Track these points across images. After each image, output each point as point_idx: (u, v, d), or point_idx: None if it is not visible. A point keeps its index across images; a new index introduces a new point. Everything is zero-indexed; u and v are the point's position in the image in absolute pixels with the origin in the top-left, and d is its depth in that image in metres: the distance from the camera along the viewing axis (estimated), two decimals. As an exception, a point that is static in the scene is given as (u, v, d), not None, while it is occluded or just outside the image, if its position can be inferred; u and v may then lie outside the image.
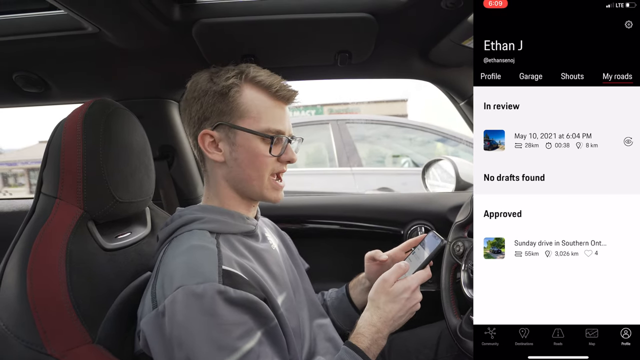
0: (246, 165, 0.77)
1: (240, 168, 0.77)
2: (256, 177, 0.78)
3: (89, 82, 1.19)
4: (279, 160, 0.79)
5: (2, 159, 18.57)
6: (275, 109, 0.78)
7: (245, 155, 0.77)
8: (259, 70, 0.79)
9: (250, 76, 0.77)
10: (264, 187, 0.79)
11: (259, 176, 0.78)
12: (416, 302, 0.78)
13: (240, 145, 0.76)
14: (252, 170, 0.77)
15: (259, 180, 0.78)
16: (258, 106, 0.77)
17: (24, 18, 0.95)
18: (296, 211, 1.47)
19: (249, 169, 0.77)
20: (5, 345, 0.63)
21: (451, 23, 0.95)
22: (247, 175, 0.78)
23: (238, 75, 0.77)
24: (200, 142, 0.78)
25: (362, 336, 0.74)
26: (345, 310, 1.00)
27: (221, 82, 0.76)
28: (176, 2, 0.93)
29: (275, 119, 0.78)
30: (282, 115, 0.79)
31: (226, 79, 0.76)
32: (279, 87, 0.78)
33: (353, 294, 1.00)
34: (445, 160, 1.67)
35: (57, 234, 0.70)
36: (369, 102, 14.49)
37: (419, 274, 0.80)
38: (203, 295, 0.60)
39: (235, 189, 0.80)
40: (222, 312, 0.60)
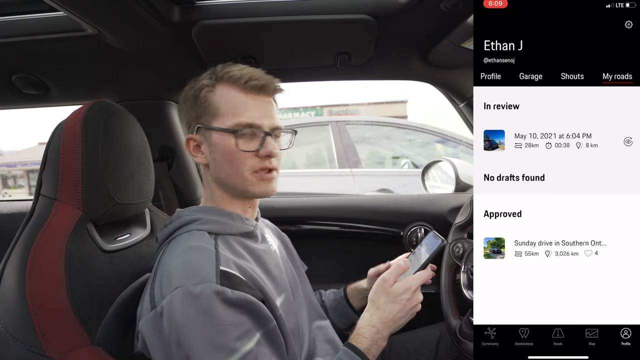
0: (223, 164, 0.76)
1: (220, 168, 0.77)
2: (235, 174, 0.76)
3: (88, 83, 1.19)
4: (257, 155, 0.76)
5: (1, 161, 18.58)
6: (247, 102, 0.76)
7: (221, 154, 0.76)
8: (230, 66, 0.78)
9: (221, 74, 0.77)
10: (247, 184, 0.76)
11: (238, 174, 0.76)
12: (417, 302, 0.78)
13: (216, 144, 0.76)
14: (230, 169, 0.76)
15: (239, 178, 0.76)
16: (229, 102, 0.75)
17: (24, 20, 0.95)
18: (296, 212, 1.47)
19: (226, 168, 0.76)
20: (3, 347, 0.62)
21: (451, 25, 0.95)
22: (226, 174, 0.77)
23: (210, 76, 0.77)
24: (187, 147, 0.80)
25: (362, 337, 0.73)
26: (343, 311, 1.00)
27: (195, 86, 0.77)
28: (176, 4, 0.93)
29: (248, 113, 0.75)
30: (256, 108, 0.76)
31: (199, 81, 0.77)
32: (248, 78, 0.75)
33: (353, 301, 1.00)
34: (445, 162, 1.67)
35: (56, 236, 0.70)
36: (369, 104, 14.52)
37: (420, 274, 0.79)
38: (200, 295, 0.60)
39: (223, 189, 0.80)
40: (219, 312, 0.60)
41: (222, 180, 0.78)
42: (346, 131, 2.98)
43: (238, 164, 0.75)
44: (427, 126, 3.07)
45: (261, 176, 0.77)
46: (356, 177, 2.81)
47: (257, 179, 0.77)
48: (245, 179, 0.76)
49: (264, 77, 0.77)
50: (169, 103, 1.28)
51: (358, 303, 0.99)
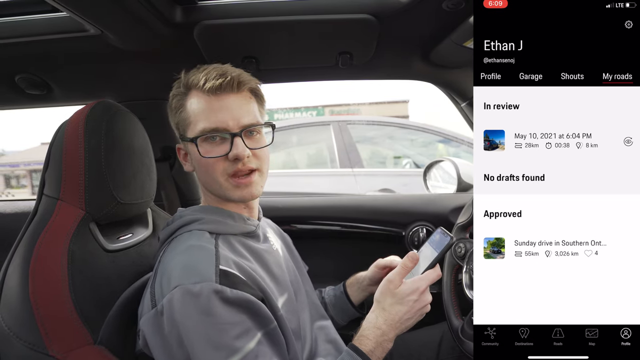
0: (200, 172, 0.77)
1: (200, 175, 0.78)
2: (212, 181, 0.75)
3: (91, 83, 1.20)
4: (227, 158, 0.72)
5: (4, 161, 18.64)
6: (211, 105, 0.72)
7: (197, 164, 0.76)
8: (196, 72, 0.74)
9: (189, 82, 0.74)
10: (224, 189, 0.74)
11: (213, 180, 0.74)
12: (426, 304, 0.76)
13: (192, 154, 0.77)
14: (206, 176, 0.76)
15: (215, 184, 0.75)
16: (194, 110, 0.73)
17: (26, 20, 0.96)
18: (297, 212, 1.47)
19: (203, 175, 0.77)
20: (7, 346, 0.63)
21: (452, 24, 0.95)
22: (204, 181, 0.78)
23: (179, 85, 0.76)
24: (179, 156, 0.82)
25: (366, 339, 0.73)
26: (343, 306, 1.00)
27: (171, 94, 0.77)
28: (178, 4, 0.93)
29: (210, 117, 0.72)
30: (219, 109, 0.72)
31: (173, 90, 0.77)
32: (204, 80, 0.71)
33: (351, 292, 1.00)
34: (446, 162, 1.66)
35: (59, 235, 0.70)
36: (370, 104, 14.50)
37: (428, 274, 0.78)
38: (199, 294, 0.60)
39: (212, 194, 0.79)
40: (218, 311, 0.60)
41: (205, 186, 0.79)
42: (348, 131, 2.98)
43: (211, 171, 0.73)
44: (429, 126, 3.07)
45: (236, 182, 0.73)
46: (358, 177, 2.81)
47: (233, 185, 0.74)
48: (221, 185, 0.74)
49: (223, 74, 0.72)
50: (171, 103, 1.29)
51: (357, 294, 0.99)
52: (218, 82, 0.71)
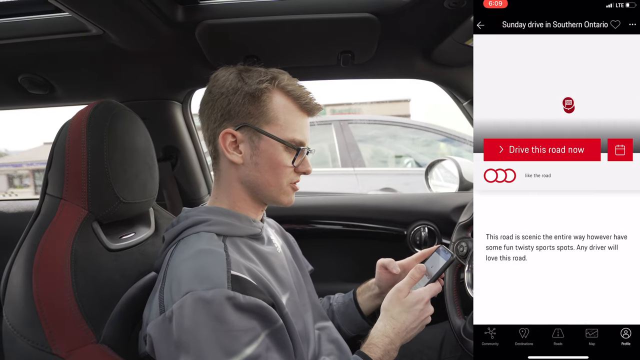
0: (266, 171, 0.76)
1: (259, 173, 0.77)
2: (274, 183, 0.77)
3: (93, 83, 1.20)
4: (296, 170, 0.79)
5: (7, 161, 18.68)
6: (301, 120, 0.79)
7: (267, 161, 0.76)
8: (291, 80, 0.79)
9: (283, 84, 0.77)
10: (281, 192, 0.79)
11: (277, 183, 0.78)
12: (428, 314, 0.79)
13: (264, 150, 0.76)
14: (271, 177, 0.77)
15: (276, 186, 0.78)
16: (286, 115, 0.76)
17: (29, 21, 0.96)
18: (299, 212, 1.48)
19: (267, 175, 0.77)
20: (11, 344, 0.64)
21: (454, 23, 0.95)
22: (265, 181, 0.77)
23: (270, 80, 0.76)
24: (221, 141, 0.75)
25: (375, 347, 0.74)
26: (351, 315, 0.98)
27: (253, 83, 0.75)
28: (179, 4, 0.94)
29: (301, 130, 0.78)
30: (305, 127, 0.80)
31: (259, 82, 0.75)
32: (307, 100, 0.78)
33: (361, 300, 0.98)
34: (448, 161, 1.66)
35: (62, 235, 0.70)
36: (372, 103, 14.45)
37: (431, 287, 0.80)
38: (212, 301, 0.59)
39: (248, 192, 0.79)
40: (231, 318, 0.60)
41: (255, 184, 0.77)
42: (349, 130, 2.98)
43: (281, 174, 0.77)
44: (431, 125, 3.06)
45: (293, 188, 0.81)
46: (359, 176, 2.81)
47: (290, 190, 0.81)
48: (281, 189, 0.79)
49: (316, 102, 0.81)
50: (173, 103, 1.29)
51: (367, 303, 0.98)
52: (317, 107, 0.81)
